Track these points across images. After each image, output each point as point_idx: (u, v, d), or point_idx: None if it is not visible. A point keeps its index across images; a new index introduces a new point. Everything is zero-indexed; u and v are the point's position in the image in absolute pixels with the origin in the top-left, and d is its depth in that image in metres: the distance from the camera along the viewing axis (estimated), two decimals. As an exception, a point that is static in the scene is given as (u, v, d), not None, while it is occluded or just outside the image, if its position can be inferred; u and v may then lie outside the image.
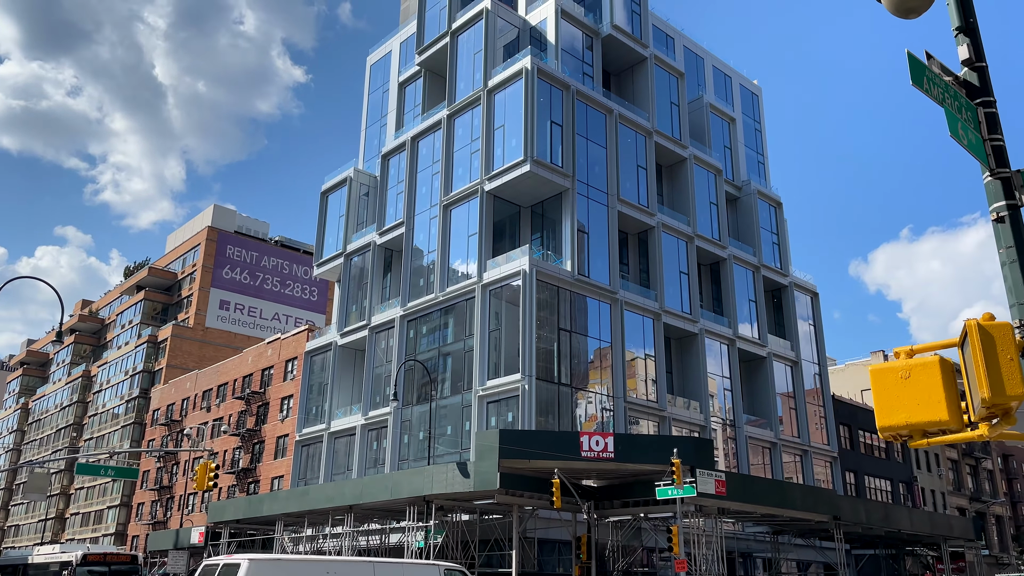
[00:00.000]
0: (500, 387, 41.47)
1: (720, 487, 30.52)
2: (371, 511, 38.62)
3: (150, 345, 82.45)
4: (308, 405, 55.28)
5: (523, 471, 32.78)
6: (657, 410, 45.37)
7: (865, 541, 44.42)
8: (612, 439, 32.01)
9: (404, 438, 47.04)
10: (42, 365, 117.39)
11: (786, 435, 52.81)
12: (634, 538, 37.93)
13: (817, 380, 57.42)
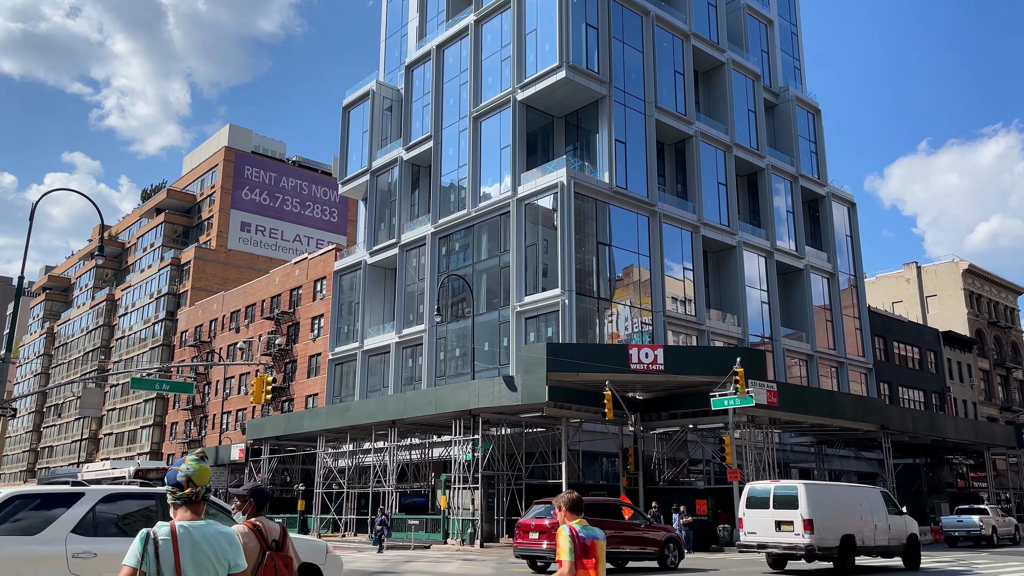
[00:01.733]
0: (539, 303, 40.84)
1: (772, 397, 30.05)
2: (414, 426, 38.61)
3: (173, 268, 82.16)
4: (339, 324, 55.04)
5: (570, 384, 32.39)
6: (695, 324, 44.78)
7: (904, 451, 44.31)
8: (662, 351, 31.46)
9: (440, 355, 46.80)
10: (64, 290, 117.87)
11: (822, 347, 52.31)
12: (679, 450, 37.85)
13: (853, 292, 56.53)
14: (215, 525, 3.63)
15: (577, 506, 5.83)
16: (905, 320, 63.54)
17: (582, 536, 5.60)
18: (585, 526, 5.70)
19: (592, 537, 5.65)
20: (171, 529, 3.50)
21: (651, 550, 21.34)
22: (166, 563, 3.40)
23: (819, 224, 56.15)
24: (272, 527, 5.07)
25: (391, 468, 37.54)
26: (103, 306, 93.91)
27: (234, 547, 3.64)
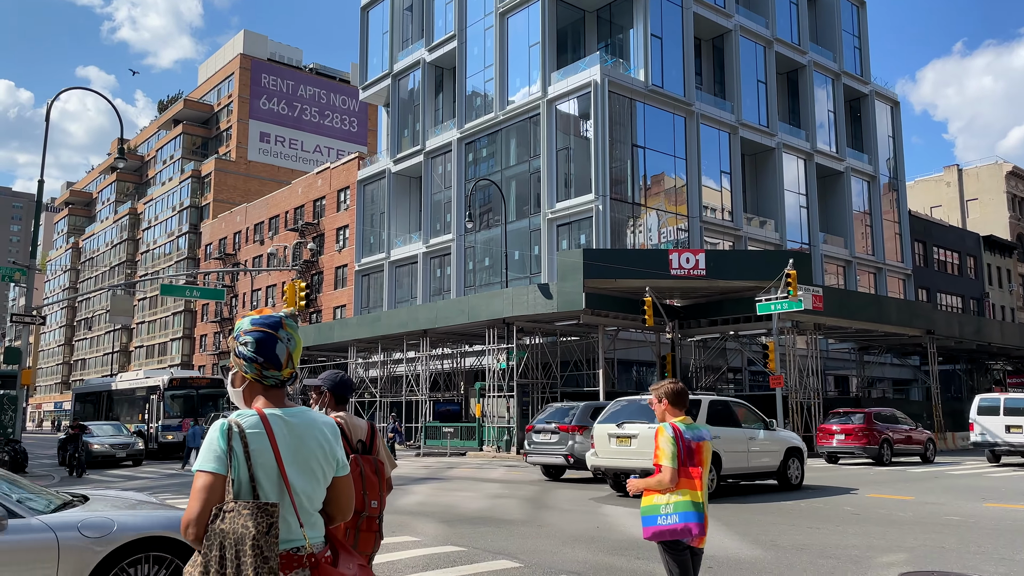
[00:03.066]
0: (571, 208, 39.53)
1: (817, 302, 28.91)
2: (446, 335, 38.08)
3: (194, 180, 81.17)
4: (365, 235, 54.14)
5: (607, 291, 31.45)
6: (732, 229, 43.34)
7: (944, 357, 43.31)
8: (703, 256, 30.26)
9: (468, 265, 45.91)
10: (86, 205, 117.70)
11: (861, 253, 50.80)
12: (717, 357, 37.11)
13: (894, 196, 54.51)
14: (311, 412, 2.59)
15: (681, 399, 4.81)
16: (945, 224, 61.52)
17: (687, 438, 4.62)
18: (690, 425, 4.71)
19: (698, 438, 4.67)
20: (261, 417, 2.45)
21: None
22: (262, 464, 2.36)
23: (860, 125, 53.68)
24: (358, 425, 4.06)
25: (424, 377, 37.22)
26: (126, 220, 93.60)
27: (339, 440, 2.63)
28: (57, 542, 4.99)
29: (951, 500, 13.67)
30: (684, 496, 4.54)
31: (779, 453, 15.35)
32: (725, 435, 14.17)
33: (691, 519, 4.50)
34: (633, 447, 14.07)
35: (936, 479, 18.28)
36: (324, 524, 2.56)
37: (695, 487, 4.56)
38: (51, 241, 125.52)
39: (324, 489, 2.54)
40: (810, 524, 10.69)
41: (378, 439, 4.12)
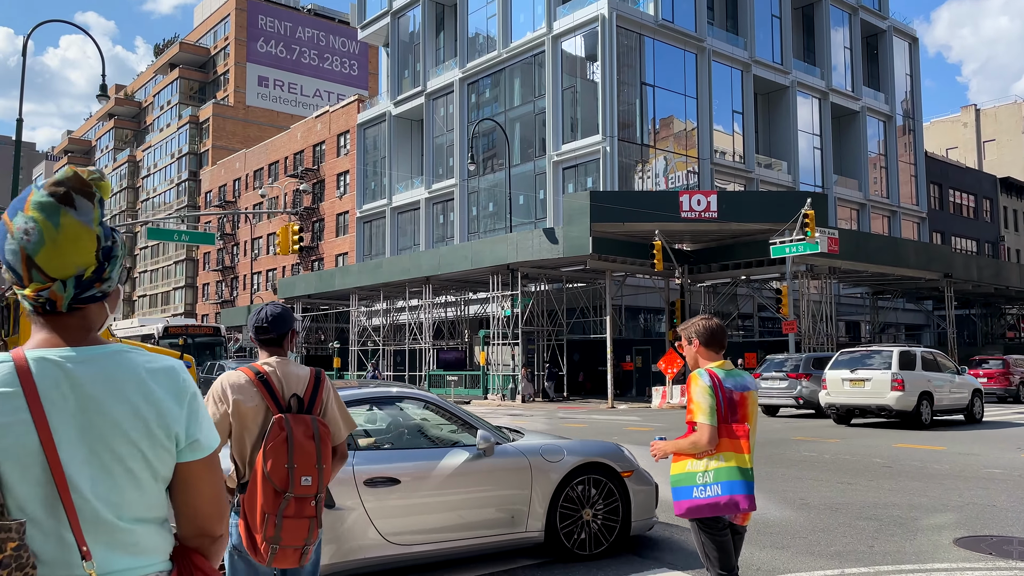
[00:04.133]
0: (577, 151, 38.22)
1: (833, 245, 27.79)
2: (449, 282, 37.19)
3: (192, 126, 79.52)
4: (366, 181, 52.89)
5: (614, 235, 30.37)
6: (744, 171, 42.01)
7: (959, 301, 42.31)
8: (715, 197, 29.08)
9: (472, 210, 44.78)
10: (86, 153, 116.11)
11: (875, 195, 49.43)
12: (728, 303, 36.18)
13: (910, 137, 52.85)
14: (124, 355, 1.48)
15: (717, 339, 3.83)
16: (962, 166, 59.88)
17: (728, 387, 3.68)
18: (731, 371, 3.75)
19: (742, 388, 3.73)
20: (17, 366, 1.40)
21: None
22: (10, 447, 1.34)
23: (877, 63, 51.72)
24: (293, 374, 3.10)
25: (426, 325, 36.45)
26: (125, 168, 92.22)
27: (180, 396, 1.50)
28: (529, 464, 5.84)
29: None
30: (728, 461, 3.60)
31: (967, 394, 18.51)
32: (935, 378, 17.74)
33: (737, 490, 3.57)
34: (867, 388, 17.46)
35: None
36: (169, 542, 1.51)
37: (741, 449, 3.61)
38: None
39: (146, 485, 1.45)
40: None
41: (324, 393, 3.12)
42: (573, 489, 6.01)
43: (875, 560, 6.02)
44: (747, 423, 3.68)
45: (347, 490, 5.01)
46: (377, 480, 5.16)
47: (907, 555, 6.17)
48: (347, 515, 5.00)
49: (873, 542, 6.59)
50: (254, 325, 3.18)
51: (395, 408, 5.98)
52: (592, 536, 6.03)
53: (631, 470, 6.31)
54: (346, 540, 4.99)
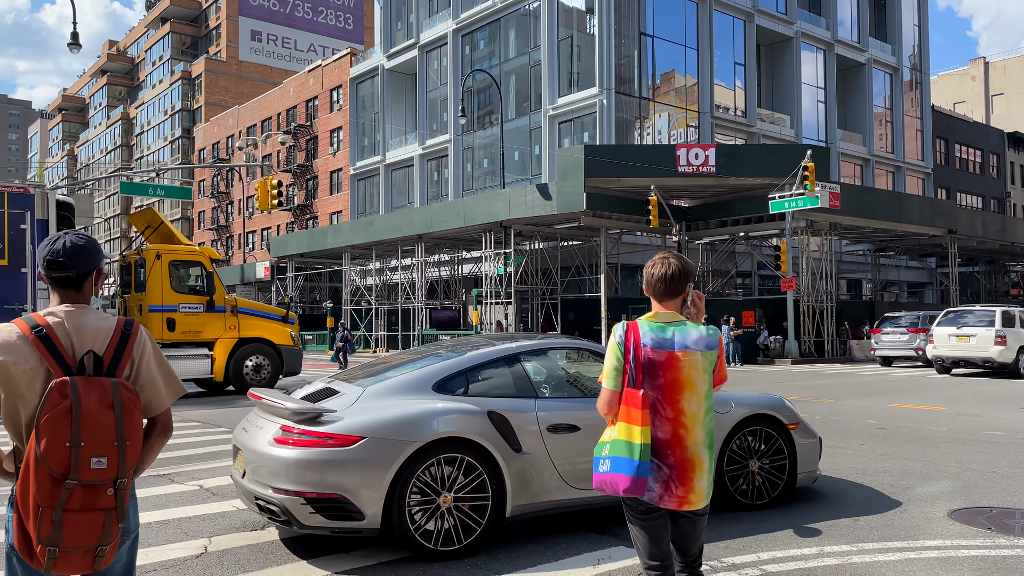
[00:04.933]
0: (574, 104, 37.19)
1: (834, 200, 26.98)
2: (442, 240, 36.46)
3: (185, 82, 78.08)
4: (360, 137, 51.84)
5: (609, 191, 29.58)
6: (745, 125, 40.93)
7: (962, 258, 41.52)
8: (714, 151, 28.21)
9: (467, 167, 43.85)
10: (80, 110, 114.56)
11: (880, 150, 48.33)
12: (726, 261, 35.47)
13: (917, 90, 51.51)
14: None
15: (672, 286, 3.13)
16: (969, 120, 58.54)
17: (647, 343, 3.02)
18: (663, 324, 3.07)
19: (668, 346, 3.02)
20: None
21: None
22: None
23: (884, 13, 50.19)
24: (92, 327, 2.38)
25: (419, 284, 35.82)
26: (119, 125, 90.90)
27: None
28: None
29: None
30: (619, 434, 3.00)
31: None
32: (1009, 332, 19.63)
33: (620, 468, 2.97)
34: (972, 343, 19.69)
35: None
36: None
37: (633, 420, 2.96)
38: (47, 149, 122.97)
39: None
40: None
41: (135, 349, 2.42)
42: (741, 440, 6.12)
43: (860, 537, 5.42)
44: (665, 392, 3.02)
45: (533, 437, 5.25)
46: (559, 427, 5.36)
47: (896, 530, 5.58)
48: (533, 460, 5.21)
49: (860, 513, 5.99)
50: (45, 258, 2.39)
51: (562, 358, 6.10)
52: (755, 487, 6.14)
53: (797, 422, 6.39)
54: (532, 483, 5.20)
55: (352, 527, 4.72)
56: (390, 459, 4.72)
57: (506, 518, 5.11)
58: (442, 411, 5.03)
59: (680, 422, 3.03)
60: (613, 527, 5.59)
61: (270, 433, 4.93)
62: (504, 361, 5.61)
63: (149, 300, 15.38)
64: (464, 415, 5.05)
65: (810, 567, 4.78)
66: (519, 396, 5.43)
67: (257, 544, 5.17)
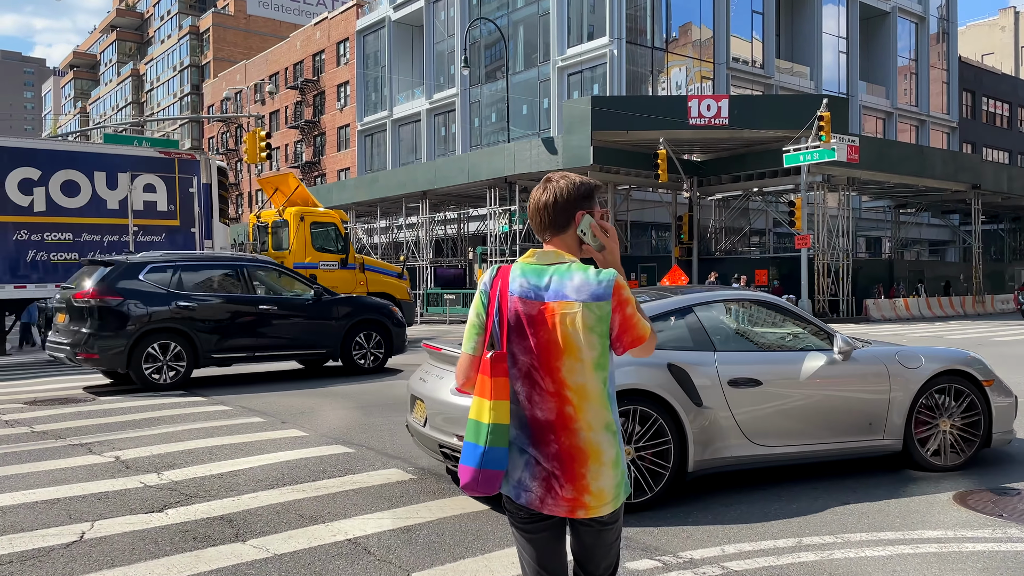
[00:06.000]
0: (583, 55, 35.85)
1: (852, 153, 25.74)
2: (447, 196, 35.60)
3: (193, 36, 76.88)
4: (367, 92, 50.70)
5: (618, 144, 28.50)
6: (763, 77, 39.41)
7: (987, 215, 40.03)
8: (727, 102, 27.00)
9: (474, 121, 42.72)
10: (92, 67, 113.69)
11: (903, 104, 46.57)
12: (739, 218, 34.35)
13: (944, 40, 49.44)
14: None
15: (553, 217, 2.29)
16: (997, 73, 56.33)
17: (516, 293, 2.23)
18: (542, 268, 2.24)
19: (538, 296, 2.21)
20: None
21: None
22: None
23: (912, -42, 47.97)
24: None
25: (424, 242, 35.06)
26: (129, 82, 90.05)
27: None
28: (887, 370, 5.72)
29: None
30: (471, 412, 2.25)
31: None
32: None
33: (467, 458, 2.22)
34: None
35: None
36: None
37: (482, 392, 2.20)
38: (60, 107, 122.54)
39: None
40: None
41: None
42: (930, 397, 5.86)
43: (846, 526, 4.64)
44: (549, 354, 2.20)
45: (713, 390, 5.13)
46: (740, 381, 5.24)
47: (890, 517, 4.79)
48: (714, 414, 5.10)
49: (850, 497, 5.21)
50: None
51: (737, 310, 5.99)
52: (947, 447, 5.89)
53: (991, 379, 6.06)
54: (714, 439, 5.10)
55: None
56: None
57: (688, 473, 5.05)
58: (621, 363, 4.79)
59: (565, 397, 2.21)
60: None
61: (452, 382, 4.88)
62: (678, 313, 5.49)
63: (294, 258, 16.44)
64: (644, 367, 4.96)
65: (782, 564, 4.02)
66: (696, 349, 5.31)
67: (142, 531, 4.49)
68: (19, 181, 13.79)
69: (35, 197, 13.90)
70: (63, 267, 14.00)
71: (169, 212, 15.12)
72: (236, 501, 5.06)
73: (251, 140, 21.00)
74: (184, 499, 5.09)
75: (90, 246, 14.29)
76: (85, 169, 14.42)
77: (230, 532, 4.46)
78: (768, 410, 5.28)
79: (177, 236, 15.11)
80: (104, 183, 14.59)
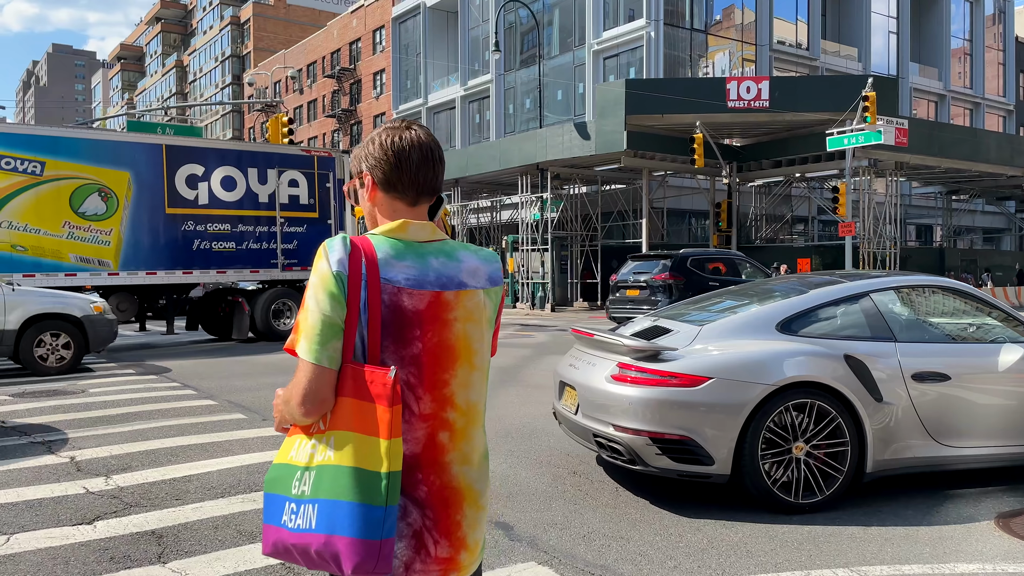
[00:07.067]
0: (619, 38, 34.91)
1: (901, 136, 24.52)
2: (479, 184, 35.07)
3: (234, 27, 77.45)
4: (402, 80, 50.35)
5: (653, 129, 27.60)
6: (808, 59, 37.99)
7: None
8: (767, 84, 25.91)
9: (508, 108, 42.04)
10: (138, 59, 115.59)
11: (957, 86, 44.63)
12: (780, 205, 33.18)
13: (1000, 20, 47.24)
14: None
15: (436, 173, 1.71)
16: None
17: (392, 278, 1.59)
18: (421, 244, 1.66)
19: (426, 283, 1.61)
20: None
21: None
22: None
23: (968, -67, 45.87)
24: None
25: (459, 231, 34.59)
26: (173, 73, 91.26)
27: None
28: None
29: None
30: (341, 449, 1.56)
31: None
32: None
33: (342, 526, 1.52)
34: None
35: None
36: None
37: (377, 426, 1.53)
38: (108, 98, 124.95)
39: None
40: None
41: None
42: None
43: (864, 557, 3.96)
44: (440, 362, 1.62)
45: (895, 385, 4.78)
46: (925, 375, 4.87)
47: (919, 545, 4.10)
48: (895, 411, 4.76)
49: (872, 519, 4.52)
50: None
51: (918, 297, 5.56)
52: None
53: None
54: (895, 437, 4.77)
55: (701, 471, 4.54)
56: (740, 402, 4.49)
57: (866, 474, 4.73)
58: (793, 352, 4.70)
59: (443, 420, 1.63)
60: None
61: (606, 370, 4.83)
62: (854, 299, 5.12)
63: None
64: (818, 358, 4.68)
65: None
66: (874, 339, 4.93)
67: (59, 548, 4.01)
68: (186, 177, 14.89)
69: (199, 191, 14.99)
70: (222, 255, 15.17)
71: (310, 205, 16.16)
72: (176, 512, 4.56)
73: (274, 124, 20.78)
74: (122, 509, 4.62)
75: (244, 236, 15.40)
76: (240, 166, 15.49)
77: (154, 551, 3.96)
78: (957, 407, 4.87)
79: (316, 227, 16.12)
80: (256, 178, 15.55)
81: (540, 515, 4.54)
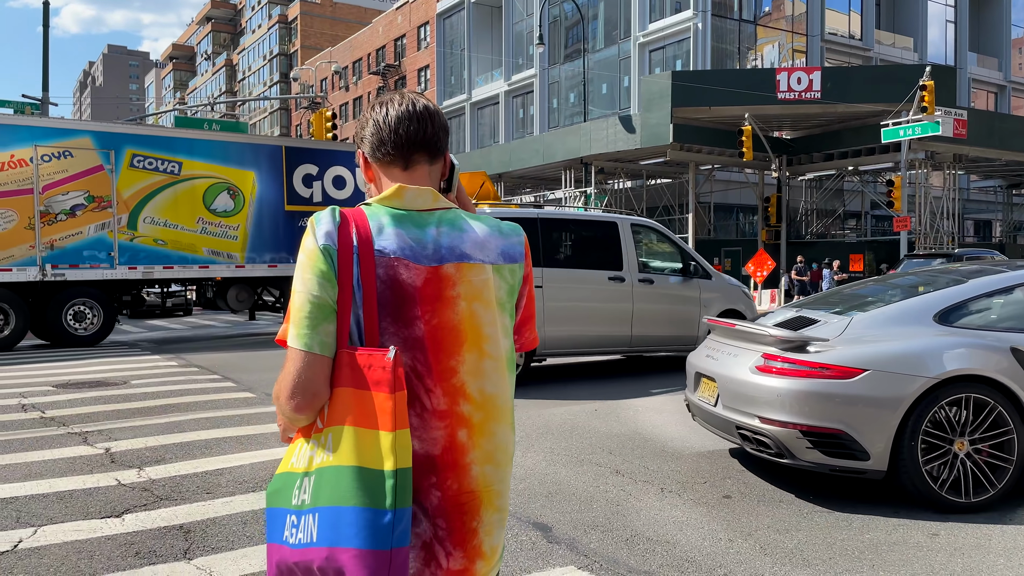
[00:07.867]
0: (666, 30, 34.34)
1: (959, 128, 23.58)
2: (522, 179, 34.89)
3: (282, 25, 78.40)
4: (446, 75, 50.37)
5: (700, 122, 27.07)
6: (861, 49, 36.94)
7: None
8: (819, 74, 25.20)
9: (553, 102, 41.72)
10: (189, 59, 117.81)
11: (1018, 77, 43.02)
12: (832, 199, 32.33)
13: (1067, 5, 45.32)
14: None
15: (431, 135, 1.50)
16: None
17: (388, 251, 1.38)
18: (421, 214, 1.45)
19: (425, 256, 1.40)
20: None
21: None
22: None
23: (1032, -83, 44.08)
24: None
25: (500, 225, 34.41)
26: (223, 72, 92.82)
27: None
28: None
29: None
30: (339, 449, 1.33)
31: None
32: None
33: (347, 536, 1.29)
34: None
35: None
36: None
37: (378, 417, 1.30)
38: (160, 97, 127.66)
39: None
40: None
41: None
42: None
43: (933, 568, 3.65)
44: (445, 346, 1.41)
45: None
46: None
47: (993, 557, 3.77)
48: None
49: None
50: None
51: None
52: None
53: None
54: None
55: (855, 467, 4.37)
56: (898, 395, 4.32)
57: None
58: (954, 344, 4.50)
59: (461, 417, 1.41)
60: None
61: (750, 361, 4.74)
62: (1017, 289, 4.89)
63: None
64: (982, 350, 4.47)
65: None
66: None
67: (86, 541, 3.91)
68: (302, 176, 15.69)
69: (314, 189, 15.76)
70: None
71: None
72: (206, 507, 4.45)
73: (318, 120, 20.88)
74: (152, 502, 4.52)
75: None
76: (349, 165, 16.10)
77: (180, 547, 3.84)
78: None
79: None
80: (362, 178, 15.61)
81: (580, 516, 4.32)
